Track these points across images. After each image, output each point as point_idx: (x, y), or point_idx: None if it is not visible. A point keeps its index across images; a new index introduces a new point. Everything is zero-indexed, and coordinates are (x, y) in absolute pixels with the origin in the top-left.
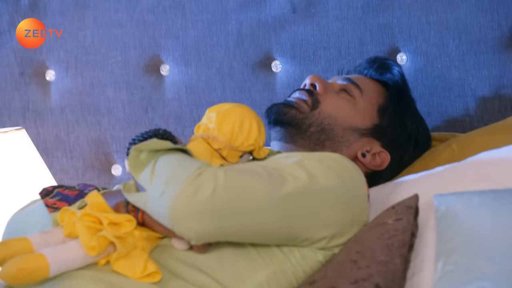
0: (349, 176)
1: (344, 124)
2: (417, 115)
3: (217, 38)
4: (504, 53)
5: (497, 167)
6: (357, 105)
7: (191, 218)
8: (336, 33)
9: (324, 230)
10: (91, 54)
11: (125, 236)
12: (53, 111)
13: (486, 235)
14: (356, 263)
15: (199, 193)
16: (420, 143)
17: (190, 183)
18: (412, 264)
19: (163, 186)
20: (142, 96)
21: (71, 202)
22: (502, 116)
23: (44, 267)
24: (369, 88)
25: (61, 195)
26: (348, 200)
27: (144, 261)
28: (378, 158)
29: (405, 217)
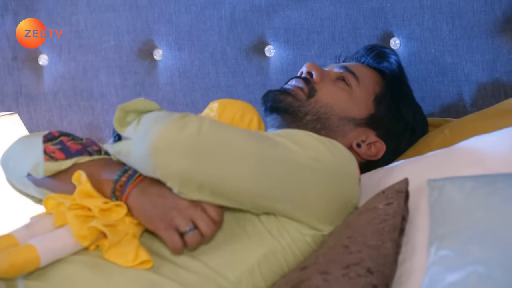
0: (341, 155)
1: (340, 113)
2: (413, 103)
3: (211, 23)
4: (497, 37)
5: (488, 152)
6: (353, 94)
7: (171, 152)
8: (330, 17)
9: (311, 205)
10: (84, 38)
11: (115, 224)
12: (46, 96)
13: (479, 219)
14: (348, 248)
15: (184, 130)
16: (416, 131)
17: (176, 121)
18: (403, 249)
19: (148, 126)
20: (135, 81)
21: (68, 156)
22: (495, 101)
23: (35, 259)
24: (365, 77)
25: (63, 145)
26: (338, 177)
27: (136, 249)
28: (373, 148)
29: (396, 201)
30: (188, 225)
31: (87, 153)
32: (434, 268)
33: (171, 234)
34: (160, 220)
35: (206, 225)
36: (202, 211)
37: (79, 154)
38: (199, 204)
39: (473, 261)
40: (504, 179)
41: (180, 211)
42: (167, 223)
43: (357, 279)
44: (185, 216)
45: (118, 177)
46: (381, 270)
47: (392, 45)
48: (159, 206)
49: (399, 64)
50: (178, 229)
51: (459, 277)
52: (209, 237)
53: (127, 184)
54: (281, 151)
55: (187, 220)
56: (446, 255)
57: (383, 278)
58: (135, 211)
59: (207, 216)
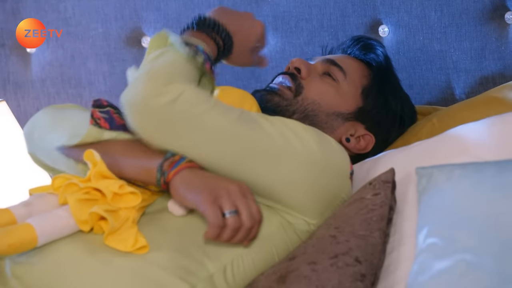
0: (329, 148)
1: (328, 110)
2: (401, 94)
3: (199, 10)
4: (485, 25)
5: (474, 140)
6: (340, 89)
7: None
8: (318, 5)
9: (294, 192)
10: (71, 26)
11: (117, 209)
12: (34, 83)
13: (467, 207)
14: (336, 238)
15: (159, 98)
16: (405, 121)
17: (159, 85)
18: (391, 239)
19: (142, 71)
20: (123, 69)
21: (112, 128)
22: (484, 88)
23: (33, 239)
24: (352, 70)
25: (109, 115)
26: (325, 169)
27: (135, 235)
28: (362, 141)
29: (383, 191)
30: (232, 208)
31: (130, 130)
32: (422, 255)
33: (215, 209)
34: (209, 193)
35: (248, 216)
36: (247, 202)
37: (122, 129)
38: (246, 195)
39: (462, 249)
40: (492, 166)
41: (228, 193)
42: (214, 198)
43: (345, 269)
44: (232, 199)
45: (171, 155)
46: (369, 260)
47: (380, 33)
48: (210, 183)
49: (386, 55)
50: (222, 208)
51: (447, 264)
52: (247, 228)
53: (179, 161)
54: (258, 132)
55: (232, 203)
56: (434, 243)
57: (371, 267)
58: (182, 184)
59: (251, 209)
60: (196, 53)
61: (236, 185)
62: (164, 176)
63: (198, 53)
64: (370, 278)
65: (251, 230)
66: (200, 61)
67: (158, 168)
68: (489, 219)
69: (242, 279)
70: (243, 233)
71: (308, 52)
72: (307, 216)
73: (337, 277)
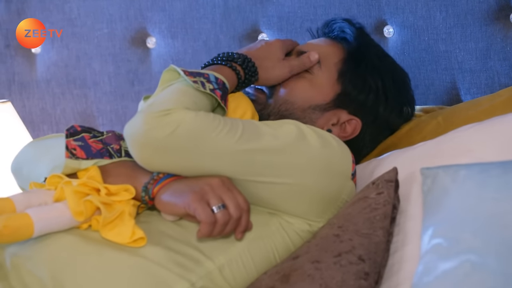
0: (330, 149)
1: (303, 105)
2: (382, 68)
3: (204, 11)
4: (490, 25)
5: (479, 141)
6: (315, 80)
7: (143, 150)
8: (323, 5)
9: (295, 201)
10: (77, 26)
11: (112, 203)
12: (39, 83)
13: (472, 208)
14: (339, 237)
15: (159, 131)
16: (389, 95)
17: (157, 117)
18: (395, 239)
19: (145, 104)
20: (128, 69)
21: (89, 157)
22: (489, 89)
23: (29, 225)
24: (327, 57)
25: (85, 143)
26: (326, 173)
27: (132, 227)
28: (348, 127)
29: (386, 190)
30: (219, 202)
31: (108, 155)
32: (427, 256)
33: (204, 206)
34: (194, 193)
35: (235, 207)
36: (232, 194)
37: (99, 156)
38: (230, 187)
39: (467, 250)
40: (497, 167)
41: (212, 187)
42: (200, 196)
43: (348, 267)
44: (216, 193)
45: (156, 174)
46: (373, 258)
47: (385, 34)
48: (192, 184)
49: (359, 32)
50: (209, 204)
51: (452, 265)
52: (236, 219)
53: (164, 178)
54: (260, 150)
55: (218, 198)
56: (439, 244)
57: (375, 265)
58: (167, 193)
59: (236, 200)
60: (207, 81)
61: (218, 179)
62: (148, 194)
63: (209, 81)
64: (374, 277)
65: (241, 220)
66: (210, 87)
67: (143, 188)
68: (494, 220)
69: (243, 278)
70: (232, 225)
71: None
72: (308, 219)
73: (341, 275)
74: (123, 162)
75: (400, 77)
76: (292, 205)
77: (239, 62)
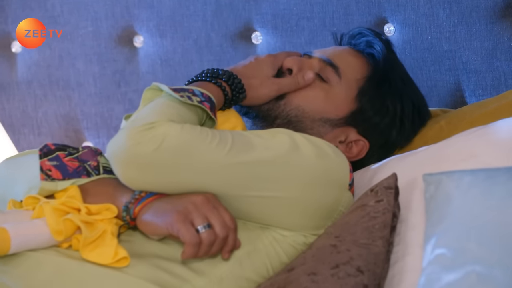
0: (327, 160)
1: (314, 116)
2: (404, 93)
3: (194, 8)
4: (497, 23)
5: (482, 145)
6: (332, 93)
7: (126, 167)
8: (320, 2)
9: (288, 215)
10: (60, 24)
11: (93, 222)
12: (20, 85)
13: (477, 216)
14: (336, 248)
15: (143, 147)
16: (406, 123)
17: (140, 132)
18: (395, 249)
19: (129, 121)
20: (114, 70)
21: (65, 177)
22: (495, 90)
23: (5, 240)
24: (350, 70)
25: (60, 162)
26: (322, 185)
27: (115, 247)
28: (354, 147)
29: (385, 198)
30: (204, 222)
31: (85, 173)
32: (430, 267)
33: (188, 227)
34: (177, 212)
35: (221, 226)
36: (218, 213)
37: (77, 175)
38: (215, 205)
39: (472, 260)
40: (504, 173)
41: (196, 206)
42: (184, 216)
43: (346, 279)
44: (201, 212)
45: (138, 193)
46: (372, 269)
47: (386, 32)
48: (175, 202)
49: (387, 51)
50: (194, 224)
51: (457, 277)
52: (222, 239)
53: (146, 197)
54: (251, 163)
55: (203, 217)
56: (443, 254)
57: (374, 277)
58: (149, 213)
59: (222, 218)
60: (193, 95)
61: (202, 196)
62: (129, 214)
63: (195, 95)
64: None
65: (227, 240)
66: (197, 99)
67: (124, 208)
68: (500, 229)
69: None
70: (218, 245)
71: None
72: (303, 232)
73: None
74: (102, 180)
75: (420, 104)
76: (287, 219)
77: (225, 79)
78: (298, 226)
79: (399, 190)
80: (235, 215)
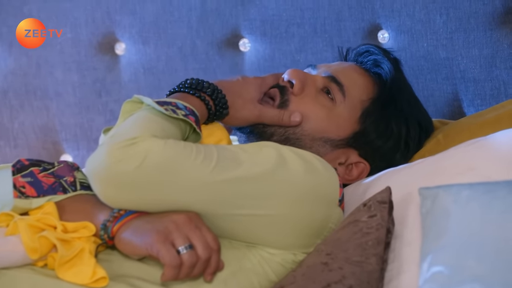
0: (316, 175)
1: (314, 134)
2: (410, 115)
3: (179, 13)
4: (496, 30)
5: (481, 158)
6: (335, 112)
7: (106, 185)
8: (311, 8)
9: (275, 234)
10: None
11: (70, 240)
12: None
13: (476, 232)
14: (328, 265)
15: (123, 165)
16: (410, 147)
17: (121, 149)
18: (389, 267)
19: (107, 136)
20: (95, 78)
21: (40, 194)
22: (495, 100)
23: None
24: (355, 89)
25: (35, 178)
26: (310, 202)
27: (93, 266)
28: (354, 170)
29: (379, 213)
30: (185, 243)
31: (61, 189)
32: (427, 286)
33: (168, 248)
34: (157, 232)
35: (203, 247)
36: (200, 233)
37: (52, 192)
38: (198, 225)
39: (471, 278)
40: (503, 187)
41: (178, 225)
42: (164, 236)
43: None
44: (183, 232)
45: (117, 210)
46: None
47: (380, 39)
48: (155, 221)
49: (395, 73)
50: (175, 245)
51: None
52: (204, 261)
53: (125, 215)
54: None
55: (184, 237)
56: (440, 272)
57: None
58: (128, 232)
59: (205, 239)
60: (177, 108)
61: (184, 215)
62: (108, 232)
63: (178, 108)
64: None
65: (210, 261)
66: (181, 113)
67: (102, 226)
68: (500, 245)
69: None
70: (200, 267)
71: (300, 60)
72: (291, 250)
73: None
74: (79, 197)
75: (426, 127)
76: (274, 237)
77: (209, 93)
78: (286, 245)
79: (394, 205)
80: (220, 234)
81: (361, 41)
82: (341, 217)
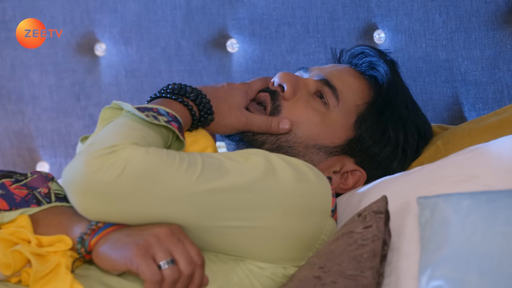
0: (307, 185)
1: (308, 141)
2: (408, 121)
3: (162, 12)
4: (499, 30)
5: (483, 165)
6: (328, 117)
7: (86, 196)
8: (303, 6)
9: (265, 247)
10: (11, 30)
11: (45, 254)
12: None
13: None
14: (320, 280)
15: (102, 174)
16: (408, 155)
17: (98, 157)
18: (386, 281)
19: (85, 144)
20: (73, 81)
21: (13, 207)
22: (497, 104)
23: None
24: (349, 93)
25: (6, 190)
26: (301, 213)
27: (70, 282)
28: (350, 178)
29: (374, 223)
30: (167, 257)
31: (35, 201)
32: None
33: (148, 262)
34: (137, 246)
35: (186, 262)
36: (183, 247)
37: (25, 204)
38: (180, 238)
39: None
40: (506, 196)
41: (159, 239)
42: (144, 250)
43: None
44: (164, 246)
45: (95, 223)
46: None
47: (375, 39)
48: (135, 234)
49: (391, 75)
50: (156, 259)
51: None
52: (187, 277)
53: (103, 228)
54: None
55: (166, 252)
56: (440, 286)
57: None
58: (106, 245)
59: (188, 253)
60: (158, 114)
61: (166, 228)
62: (85, 246)
63: (160, 114)
64: None
65: (193, 277)
66: (164, 119)
67: (78, 240)
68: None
69: None
70: (183, 283)
71: (291, 61)
72: (281, 264)
73: None
74: (55, 209)
75: (425, 132)
76: (264, 251)
77: (192, 97)
78: (276, 258)
79: (390, 215)
80: (206, 247)
81: (356, 42)
82: (334, 229)
